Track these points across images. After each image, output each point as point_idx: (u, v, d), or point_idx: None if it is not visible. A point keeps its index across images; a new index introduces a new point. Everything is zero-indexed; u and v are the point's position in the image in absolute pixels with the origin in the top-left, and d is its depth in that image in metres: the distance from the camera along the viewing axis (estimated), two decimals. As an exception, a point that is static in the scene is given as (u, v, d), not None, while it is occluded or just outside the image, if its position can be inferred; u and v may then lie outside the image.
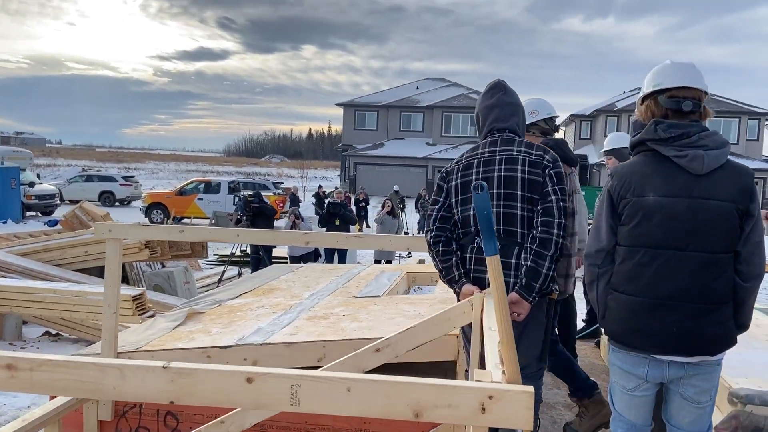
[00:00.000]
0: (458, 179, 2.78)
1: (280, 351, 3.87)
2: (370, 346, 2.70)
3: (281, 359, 3.90)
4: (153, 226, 4.03)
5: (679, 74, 2.32)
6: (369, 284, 4.94)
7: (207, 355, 4.03)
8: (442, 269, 2.76)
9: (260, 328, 4.25)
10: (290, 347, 3.85)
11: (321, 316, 4.29)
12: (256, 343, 4.02)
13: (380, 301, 4.45)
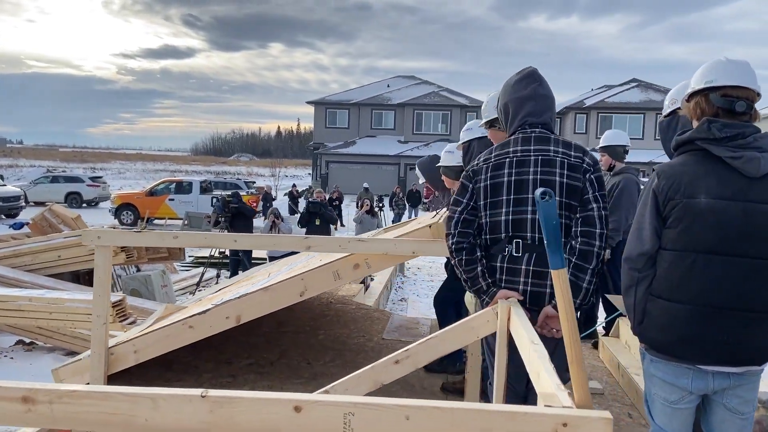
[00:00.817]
0: (488, 180, 2.58)
1: (260, 298, 3.80)
2: (388, 357, 2.58)
3: (263, 305, 3.83)
4: (145, 233, 3.86)
5: (734, 72, 2.22)
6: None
7: (189, 325, 3.90)
8: (467, 279, 2.60)
9: (238, 293, 4.18)
10: (269, 290, 3.78)
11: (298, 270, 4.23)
12: (234, 298, 3.95)
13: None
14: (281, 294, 3.76)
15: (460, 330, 2.52)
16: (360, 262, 3.67)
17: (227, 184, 28.14)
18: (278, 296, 3.77)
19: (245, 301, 3.81)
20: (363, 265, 3.67)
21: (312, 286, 3.74)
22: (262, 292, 3.80)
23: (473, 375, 3.65)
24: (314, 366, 4.58)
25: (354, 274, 3.72)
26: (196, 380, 4.22)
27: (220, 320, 3.85)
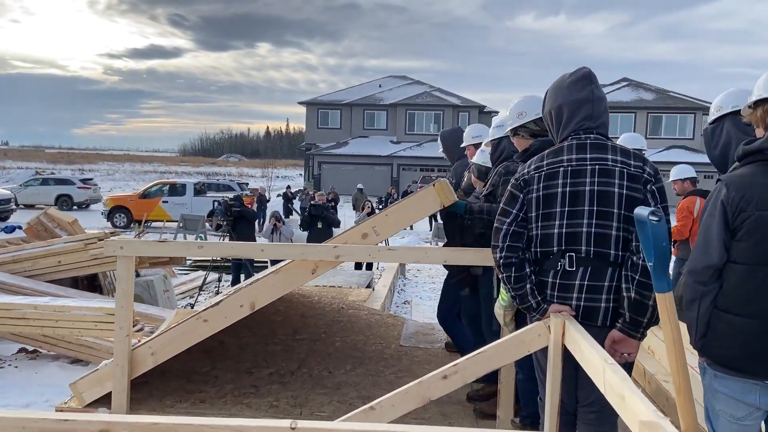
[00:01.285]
0: (540, 191, 2.47)
1: (272, 281, 3.76)
2: (436, 372, 2.53)
3: (276, 288, 3.79)
4: (170, 242, 3.79)
5: None
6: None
7: (203, 319, 3.86)
8: (516, 296, 2.51)
9: (248, 282, 4.17)
10: (281, 272, 3.73)
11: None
12: (245, 286, 3.88)
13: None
14: (293, 274, 3.70)
15: (510, 344, 2.48)
16: (368, 231, 3.62)
17: (219, 186, 27.97)
18: (290, 277, 3.70)
19: (257, 287, 3.74)
20: (371, 234, 3.62)
21: (322, 264, 3.66)
22: (273, 275, 3.73)
23: (506, 388, 3.61)
24: (335, 375, 4.52)
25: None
26: (218, 391, 4.15)
27: (235, 309, 3.77)
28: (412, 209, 3.69)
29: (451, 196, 3.63)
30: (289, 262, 3.71)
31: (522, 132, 3.34)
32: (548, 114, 2.66)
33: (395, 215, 3.68)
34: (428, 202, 3.67)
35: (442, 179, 3.73)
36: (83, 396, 3.97)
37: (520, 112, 3.31)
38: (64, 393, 5.77)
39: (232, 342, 5.30)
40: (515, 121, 3.31)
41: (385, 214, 3.69)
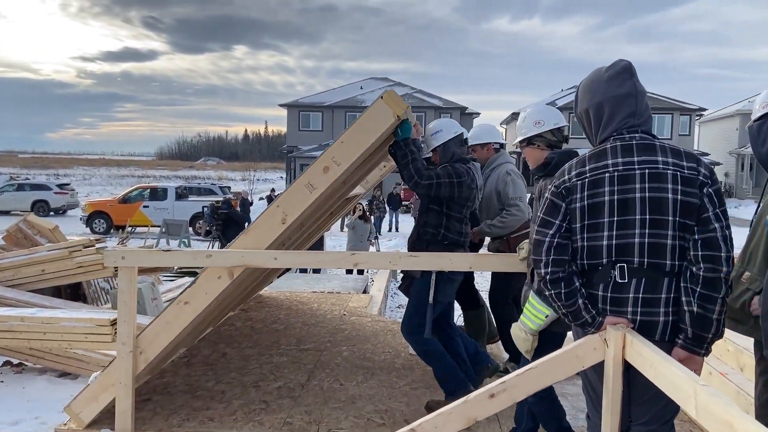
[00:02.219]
0: (585, 200, 2.27)
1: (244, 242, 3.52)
2: (482, 391, 2.35)
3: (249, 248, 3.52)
4: (175, 251, 3.57)
5: None
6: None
7: (184, 302, 3.58)
8: (568, 313, 2.32)
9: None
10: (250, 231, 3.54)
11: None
12: (217, 253, 3.64)
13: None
14: (263, 229, 3.49)
15: (563, 360, 2.31)
16: (328, 164, 3.42)
17: (201, 190, 27.60)
18: (262, 232, 3.49)
19: (230, 253, 3.51)
20: (332, 165, 3.41)
21: (290, 208, 3.46)
22: (244, 237, 3.54)
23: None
24: (347, 387, 4.33)
25: (326, 178, 3.43)
26: (226, 408, 3.93)
27: (213, 282, 3.53)
28: (366, 128, 3.44)
29: (401, 104, 3.45)
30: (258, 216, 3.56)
31: (538, 142, 3.16)
32: (584, 113, 2.45)
33: (350, 139, 3.44)
34: (381, 116, 3.44)
35: (389, 90, 3.52)
36: (81, 417, 3.73)
37: (537, 121, 3.14)
38: (54, 408, 5.51)
39: (234, 353, 5.08)
40: (531, 129, 3.12)
41: (340, 141, 3.44)
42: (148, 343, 3.60)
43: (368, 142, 3.45)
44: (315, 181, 3.45)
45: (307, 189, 3.45)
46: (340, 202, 5.12)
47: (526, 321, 2.87)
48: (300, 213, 3.47)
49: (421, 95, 43.76)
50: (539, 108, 3.20)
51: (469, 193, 3.90)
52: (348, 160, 3.44)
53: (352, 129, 3.47)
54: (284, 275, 9.39)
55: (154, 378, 4.45)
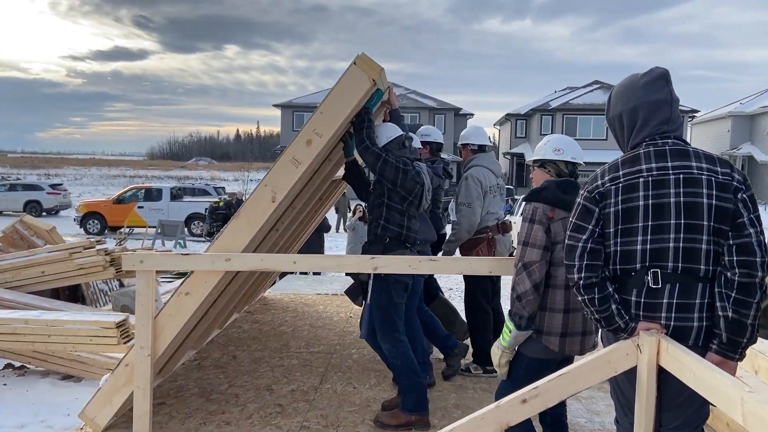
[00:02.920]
0: (619, 204, 2.26)
1: (238, 226, 3.48)
2: (514, 396, 2.36)
3: (244, 232, 3.48)
4: (193, 255, 3.55)
5: None
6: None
7: (185, 293, 3.55)
8: (601, 319, 2.32)
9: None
10: (241, 214, 3.48)
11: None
12: (212, 242, 3.59)
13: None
14: (254, 210, 3.45)
15: (595, 365, 2.31)
16: (310, 136, 3.40)
17: (195, 190, 27.46)
18: (253, 213, 3.45)
19: (225, 237, 3.46)
20: (314, 137, 3.40)
21: (278, 185, 3.42)
22: (235, 221, 3.50)
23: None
24: (361, 390, 4.33)
25: (310, 151, 3.41)
26: (242, 411, 3.92)
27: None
28: (343, 96, 3.41)
29: (376, 66, 3.43)
30: (246, 199, 3.53)
31: (549, 167, 3.06)
32: (616, 117, 2.45)
33: (329, 108, 3.41)
34: (357, 82, 3.40)
35: (361, 54, 3.48)
36: (96, 421, 3.70)
37: (557, 148, 3.06)
38: (59, 412, 5.48)
39: (244, 356, 5.07)
40: (547, 154, 3.05)
41: (319, 112, 3.41)
42: (154, 339, 3.57)
43: (347, 110, 3.44)
44: (299, 155, 3.42)
45: (292, 164, 3.42)
46: (327, 184, 5.07)
47: (501, 338, 2.89)
48: (288, 189, 3.44)
49: (416, 96, 43.83)
50: (565, 139, 3.15)
51: (413, 185, 3.85)
52: (329, 131, 3.42)
53: (330, 98, 3.44)
54: (285, 277, 9.37)
55: (167, 381, 4.43)
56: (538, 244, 2.78)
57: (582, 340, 2.87)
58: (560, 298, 2.81)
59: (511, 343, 2.83)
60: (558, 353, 2.83)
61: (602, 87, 42.30)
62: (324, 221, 10.70)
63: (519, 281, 2.78)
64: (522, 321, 2.78)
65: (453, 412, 3.95)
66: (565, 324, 2.81)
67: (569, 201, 2.76)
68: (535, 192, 2.93)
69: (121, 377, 3.65)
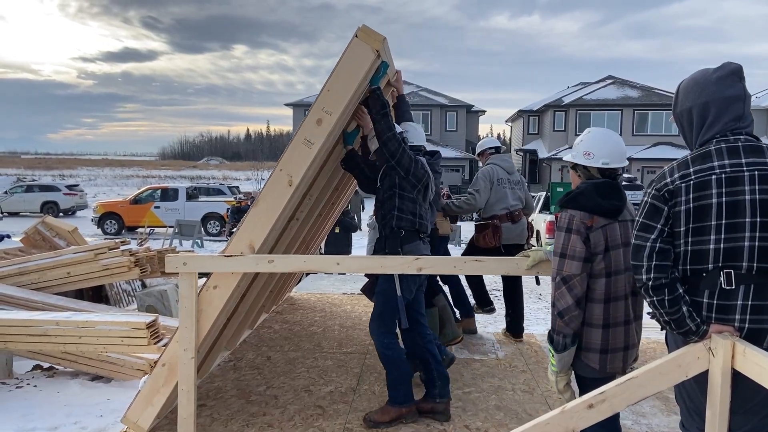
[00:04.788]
0: (690, 202, 2.19)
1: (257, 215, 3.44)
2: (580, 401, 2.32)
3: (263, 219, 3.43)
4: (237, 257, 3.52)
5: None
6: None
7: (213, 287, 3.52)
8: (671, 321, 2.25)
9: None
10: (259, 202, 3.45)
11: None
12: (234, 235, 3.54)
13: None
14: (272, 195, 3.39)
15: (665, 369, 2.26)
16: (320, 115, 3.34)
17: (210, 190, 27.54)
18: (272, 199, 3.39)
19: (247, 226, 3.41)
20: (324, 116, 3.33)
21: (293, 168, 3.36)
22: (255, 209, 3.46)
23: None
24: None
25: (321, 130, 3.36)
26: (283, 413, 3.90)
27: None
28: (348, 70, 3.33)
29: (378, 36, 3.36)
30: (264, 185, 3.48)
31: (580, 171, 2.86)
32: (685, 112, 2.38)
33: (336, 85, 3.33)
34: (360, 55, 3.32)
35: (362, 25, 3.41)
36: (140, 424, 3.69)
37: (587, 152, 2.82)
38: (92, 413, 5.48)
39: (279, 357, 5.05)
40: (578, 157, 2.84)
41: (326, 90, 3.34)
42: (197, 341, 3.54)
43: (354, 84, 3.36)
44: (311, 135, 3.36)
45: (305, 146, 3.36)
46: (341, 172, 5.02)
47: (550, 362, 2.76)
48: (304, 171, 3.38)
49: (427, 93, 43.74)
50: (600, 138, 2.85)
51: (422, 173, 3.92)
52: (338, 108, 3.35)
53: (335, 74, 3.36)
54: (309, 276, 9.36)
55: (205, 383, 4.42)
56: (578, 255, 2.61)
57: (625, 355, 2.73)
58: (599, 312, 2.65)
59: (561, 366, 2.67)
60: (599, 371, 2.68)
61: (615, 82, 42.03)
62: (352, 221, 10.67)
63: (559, 296, 2.62)
64: (566, 339, 2.63)
65: (495, 414, 3.91)
66: (605, 339, 2.66)
67: (609, 207, 2.66)
68: (571, 198, 2.72)
69: (160, 378, 3.64)
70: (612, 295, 2.65)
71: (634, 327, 2.75)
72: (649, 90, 41.05)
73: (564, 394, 2.72)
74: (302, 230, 4.88)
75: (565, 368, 2.69)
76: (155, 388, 3.68)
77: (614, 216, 2.69)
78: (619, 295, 2.66)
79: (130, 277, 8.77)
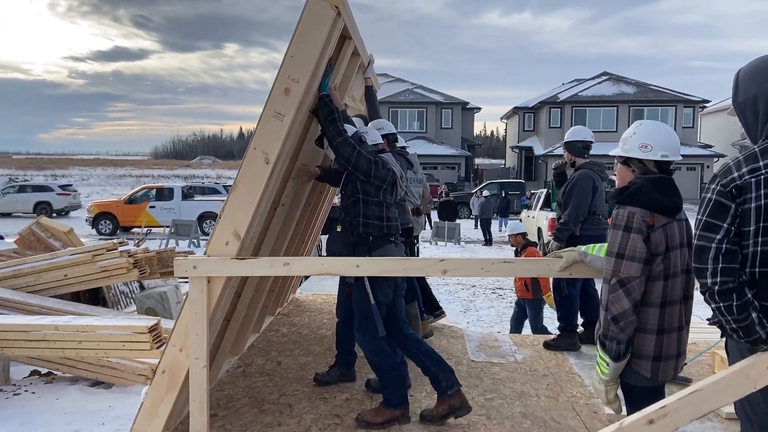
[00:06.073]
0: (762, 199, 2.04)
1: (238, 199, 3.20)
2: (640, 416, 2.13)
3: (247, 201, 3.20)
4: (251, 260, 3.32)
5: None
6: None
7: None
8: (739, 328, 2.08)
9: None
10: (236, 188, 3.22)
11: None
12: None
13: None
14: (250, 176, 3.19)
15: (732, 380, 2.09)
16: (287, 84, 3.16)
17: (205, 189, 27.31)
18: (250, 181, 3.18)
19: (229, 212, 3.22)
20: (292, 85, 3.15)
21: (267, 145, 3.15)
22: (234, 193, 3.26)
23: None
24: (418, 399, 4.10)
25: (291, 100, 3.17)
26: (299, 423, 3.70)
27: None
28: (309, 32, 3.15)
29: None
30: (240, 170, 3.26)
31: (634, 166, 2.66)
32: (749, 101, 2.20)
33: (298, 50, 3.15)
34: (319, 14, 3.15)
35: None
36: (148, 436, 3.48)
37: (643, 144, 2.62)
38: (93, 420, 5.28)
39: (289, 362, 4.85)
40: (633, 150, 2.64)
41: (290, 56, 3.16)
42: (183, 336, 3.35)
43: (317, 47, 3.19)
44: (280, 107, 3.18)
45: (276, 119, 3.18)
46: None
47: (598, 370, 2.57)
48: (280, 147, 3.19)
49: (422, 90, 43.55)
50: (655, 129, 2.67)
51: (385, 173, 3.83)
52: (305, 74, 3.18)
53: (296, 39, 3.18)
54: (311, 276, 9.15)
55: (215, 390, 4.22)
56: (638, 257, 2.42)
57: (676, 363, 2.55)
58: (654, 317, 2.47)
59: (613, 374, 2.49)
60: (651, 379, 2.51)
61: (611, 78, 41.95)
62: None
63: (615, 300, 2.44)
64: (620, 346, 2.45)
65: (522, 422, 3.73)
66: (658, 346, 2.48)
67: (670, 204, 2.48)
68: (629, 194, 2.52)
69: (162, 386, 3.44)
70: (668, 298, 2.47)
71: (685, 333, 2.57)
72: (645, 86, 41.00)
73: (613, 404, 2.55)
74: (291, 219, 4.70)
75: (615, 378, 2.51)
76: (158, 397, 3.47)
77: (674, 214, 2.51)
78: (675, 299, 2.48)
79: (129, 279, 8.56)
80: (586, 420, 3.77)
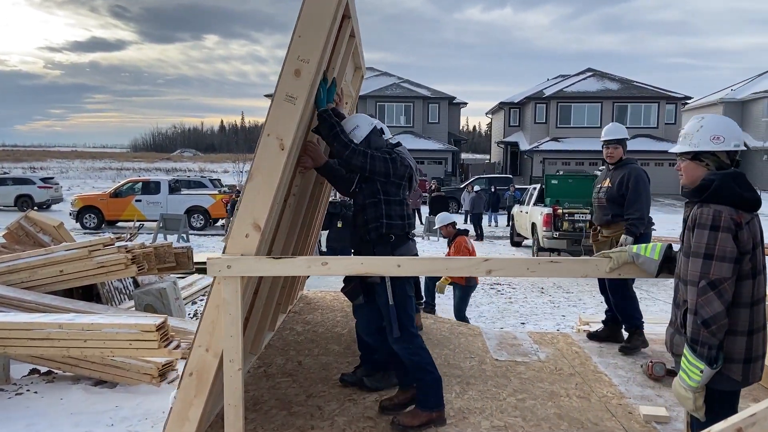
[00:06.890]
0: None
1: (264, 191, 3.10)
2: (727, 425, 2.06)
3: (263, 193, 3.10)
4: (287, 259, 3.20)
5: None
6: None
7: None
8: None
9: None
10: (252, 178, 3.09)
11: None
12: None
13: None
14: (265, 163, 3.09)
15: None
16: (298, 66, 3.06)
17: (191, 183, 26.97)
18: (266, 168, 3.09)
19: (247, 203, 3.11)
20: (302, 66, 3.06)
21: (282, 130, 3.07)
22: (251, 183, 3.15)
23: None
24: (449, 400, 4.00)
25: (302, 82, 3.07)
26: (332, 426, 3.60)
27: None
28: (316, 9, 3.06)
29: None
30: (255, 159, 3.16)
31: (707, 160, 2.57)
32: None
33: (305, 29, 3.05)
34: None
35: None
36: (178, 444, 3.35)
37: (715, 135, 2.55)
38: (101, 421, 5.14)
39: (310, 362, 4.74)
40: (705, 143, 2.55)
41: (297, 36, 3.06)
42: (209, 336, 3.22)
43: (325, 24, 3.08)
44: (292, 89, 3.07)
45: (288, 102, 3.07)
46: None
47: (684, 376, 2.49)
48: (294, 131, 3.08)
49: (409, 85, 43.41)
50: (721, 121, 2.62)
51: (404, 170, 3.75)
52: (315, 54, 3.07)
53: (302, 19, 3.08)
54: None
55: (239, 393, 4.09)
56: (728, 256, 2.35)
57: (762, 363, 2.49)
58: (745, 318, 2.41)
59: (704, 381, 2.41)
60: (741, 383, 2.44)
61: (595, 75, 42.22)
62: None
63: (705, 303, 2.35)
64: (712, 351, 2.36)
65: (560, 424, 3.66)
66: (748, 348, 2.43)
67: (753, 199, 2.41)
68: (712, 192, 2.43)
69: (190, 389, 3.31)
70: (756, 297, 2.41)
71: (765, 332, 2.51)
72: (629, 83, 41.31)
73: (700, 411, 2.46)
74: (299, 212, 4.58)
75: (705, 384, 2.43)
76: (187, 401, 3.34)
77: (755, 209, 2.45)
78: (761, 297, 2.43)
79: (127, 275, 8.37)
80: (623, 421, 3.71)
